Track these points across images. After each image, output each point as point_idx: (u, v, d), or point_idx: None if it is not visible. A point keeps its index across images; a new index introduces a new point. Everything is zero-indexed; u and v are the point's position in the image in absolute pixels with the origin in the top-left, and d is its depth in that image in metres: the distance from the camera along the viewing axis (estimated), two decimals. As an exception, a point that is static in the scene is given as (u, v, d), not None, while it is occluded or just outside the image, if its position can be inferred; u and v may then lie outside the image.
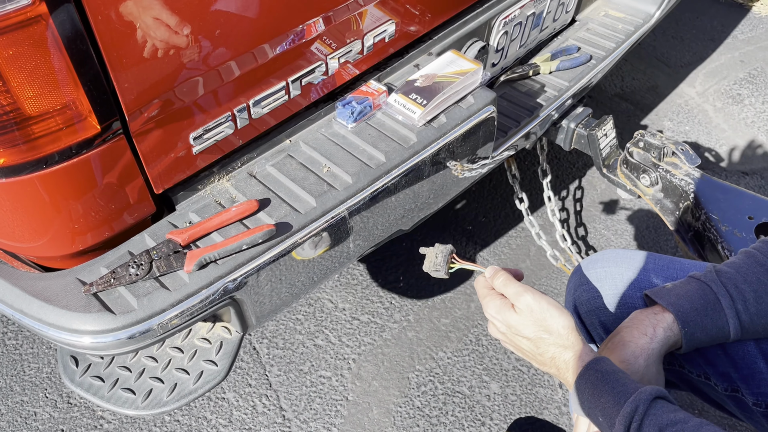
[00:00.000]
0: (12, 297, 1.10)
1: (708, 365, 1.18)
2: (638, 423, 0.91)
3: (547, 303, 1.03)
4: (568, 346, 1.02)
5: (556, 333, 1.02)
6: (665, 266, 1.26)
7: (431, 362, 2.04)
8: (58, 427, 1.88)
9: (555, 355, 1.03)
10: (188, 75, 1.07)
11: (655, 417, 0.91)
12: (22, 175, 1.00)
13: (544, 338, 1.03)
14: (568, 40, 1.93)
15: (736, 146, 2.71)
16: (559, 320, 1.02)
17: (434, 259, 1.18)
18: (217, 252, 1.11)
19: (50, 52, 0.89)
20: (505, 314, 1.05)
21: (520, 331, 1.04)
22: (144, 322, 1.06)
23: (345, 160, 1.28)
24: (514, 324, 1.04)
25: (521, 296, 1.04)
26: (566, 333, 1.02)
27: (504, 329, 1.07)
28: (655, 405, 0.93)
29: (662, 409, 0.92)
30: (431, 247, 1.20)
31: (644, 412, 0.92)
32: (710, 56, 3.16)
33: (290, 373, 2.01)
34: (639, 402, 0.92)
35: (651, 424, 0.91)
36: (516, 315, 1.04)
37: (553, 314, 1.02)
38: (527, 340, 1.05)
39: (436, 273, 1.18)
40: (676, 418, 0.90)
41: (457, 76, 1.37)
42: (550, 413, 1.94)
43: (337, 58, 1.31)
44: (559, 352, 1.03)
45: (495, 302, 1.07)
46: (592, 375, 0.99)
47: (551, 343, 1.03)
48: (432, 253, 1.19)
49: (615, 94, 2.93)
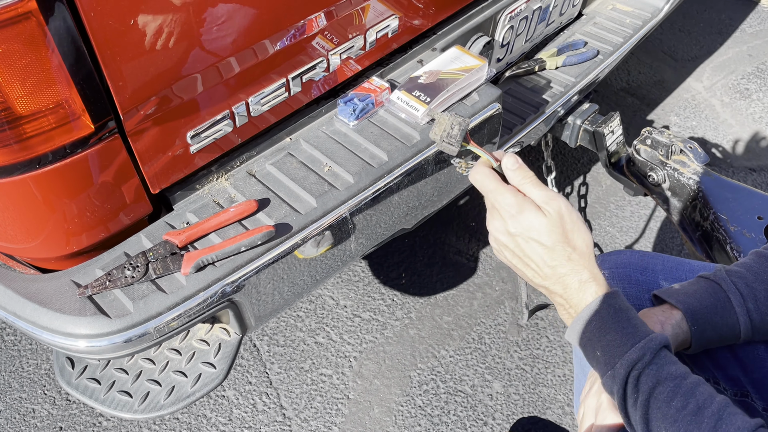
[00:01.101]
0: (5, 299, 1.07)
1: (717, 368, 1.16)
2: (639, 371, 0.88)
3: (578, 216, 0.92)
4: (586, 267, 0.92)
5: (580, 250, 0.92)
6: (673, 268, 1.23)
7: (433, 360, 2.02)
8: (56, 425, 1.87)
9: (569, 271, 0.92)
10: (185, 72, 1.04)
11: (656, 367, 0.88)
12: (15, 175, 0.97)
13: (566, 251, 0.91)
14: (575, 35, 1.90)
15: (744, 142, 2.67)
16: (585, 237, 0.92)
17: (449, 130, 0.99)
18: (215, 254, 1.08)
19: (41, 49, 0.86)
20: (528, 212, 0.91)
21: (540, 235, 0.91)
22: (140, 325, 1.04)
23: (346, 158, 1.25)
24: (537, 226, 0.91)
25: (554, 200, 0.91)
26: (589, 252, 0.92)
27: (517, 229, 0.92)
28: (660, 354, 0.89)
29: (665, 360, 0.89)
30: (444, 114, 1.01)
31: (649, 361, 0.88)
32: (718, 50, 3.11)
33: (291, 370, 1.99)
34: (647, 350, 0.88)
35: (651, 374, 0.88)
36: (541, 217, 0.90)
37: (581, 229, 0.92)
38: (542, 247, 0.92)
39: (446, 146, 1.00)
40: (676, 372, 0.88)
41: (461, 72, 1.34)
42: (554, 413, 1.92)
43: (339, 54, 1.28)
44: (576, 269, 0.92)
45: (513, 196, 0.92)
46: (605, 308, 0.91)
47: (570, 258, 0.91)
48: (446, 121, 0.99)
49: (621, 88, 2.89)
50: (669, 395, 0.86)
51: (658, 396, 0.87)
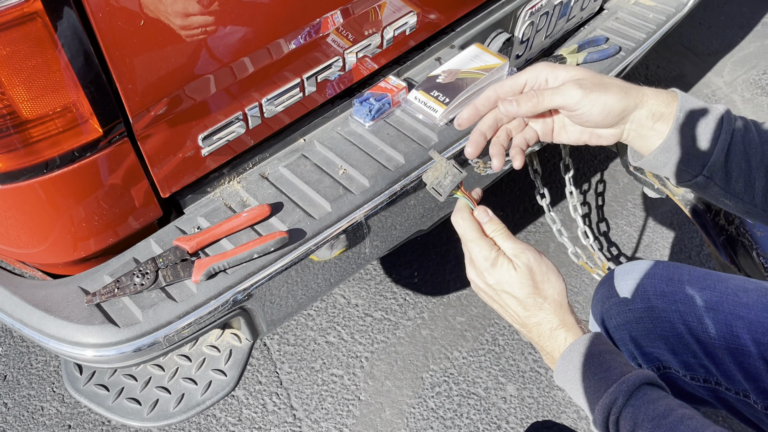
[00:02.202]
0: (11, 306, 1.04)
1: (748, 380, 1.12)
2: (616, 416, 0.87)
3: (547, 267, 0.95)
4: (557, 314, 0.94)
5: (551, 299, 0.94)
6: (701, 278, 1.19)
7: (446, 362, 1.99)
8: (65, 423, 1.85)
9: (541, 320, 0.95)
10: (197, 73, 1.00)
11: (633, 409, 0.86)
12: (22, 180, 0.94)
13: (537, 302, 0.94)
14: (596, 30, 1.84)
15: (765, 139, 2.61)
16: (556, 286, 0.94)
17: (441, 179, 0.98)
18: (226, 261, 1.05)
19: (47, 51, 0.82)
20: (500, 267, 0.94)
21: (512, 289, 0.94)
22: (149, 335, 1.01)
23: (362, 161, 1.21)
24: (508, 279, 0.94)
25: (523, 253, 0.94)
26: (560, 300, 0.94)
27: (491, 282, 0.96)
28: (637, 395, 0.87)
29: (643, 400, 0.87)
30: (443, 159, 0.99)
31: (623, 405, 0.87)
32: (739, 44, 3.04)
33: (301, 370, 1.96)
34: (619, 393, 0.87)
35: (628, 417, 0.86)
36: (513, 272, 0.94)
37: (551, 279, 0.94)
38: (515, 300, 0.95)
39: (434, 192, 1.00)
40: (655, 411, 0.86)
41: (481, 72, 1.29)
42: (568, 417, 1.89)
43: (355, 52, 1.23)
44: (548, 318, 0.94)
45: (488, 251, 0.94)
46: (576, 356, 0.92)
47: (542, 308, 0.94)
48: (442, 169, 0.99)
49: (639, 83, 2.83)
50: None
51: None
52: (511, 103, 0.94)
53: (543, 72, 0.96)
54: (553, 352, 0.95)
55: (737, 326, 1.12)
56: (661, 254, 2.26)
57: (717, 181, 0.96)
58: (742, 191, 0.96)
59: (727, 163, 0.94)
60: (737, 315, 1.13)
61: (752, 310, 1.12)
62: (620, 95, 0.94)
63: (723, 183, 0.96)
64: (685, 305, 1.15)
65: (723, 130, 0.94)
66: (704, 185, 0.97)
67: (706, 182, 0.96)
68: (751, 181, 0.95)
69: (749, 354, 1.11)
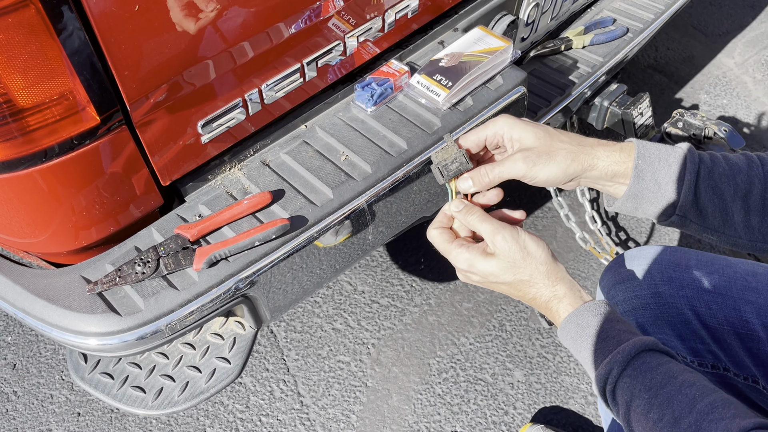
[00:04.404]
0: (14, 295, 1.04)
1: (757, 366, 1.11)
2: (612, 386, 0.88)
3: (524, 242, 0.96)
4: (547, 286, 0.96)
5: (537, 273, 0.96)
6: (709, 262, 1.17)
7: (453, 348, 1.98)
8: (74, 410, 1.86)
9: (536, 295, 0.98)
10: (195, 59, 0.99)
11: (629, 379, 0.87)
12: (21, 169, 0.93)
13: (522, 281, 0.97)
14: (603, 11, 1.81)
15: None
16: (538, 257, 0.96)
17: (448, 163, 1.02)
18: (228, 249, 1.04)
19: (41, 38, 0.81)
20: (478, 263, 0.97)
21: (498, 277, 0.97)
22: (151, 323, 1.00)
23: (364, 147, 1.20)
24: (491, 270, 0.97)
25: (497, 233, 0.96)
26: (546, 269, 0.96)
27: (477, 279, 1.00)
28: (634, 364, 0.88)
29: (641, 369, 0.87)
30: (455, 145, 1.02)
31: (618, 375, 0.87)
32: (750, 24, 2.99)
33: (308, 357, 1.97)
34: (614, 364, 0.88)
35: (624, 388, 0.87)
36: (491, 261, 0.97)
37: (531, 252, 0.96)
38: (506, 285, 0.99)
39: (438, 172, 1.03)
40: (652, 381, 0.86)
41: (485, 55, 1.27)
42: (576, 402, 1.88)
43: (356, 36, 1.22)
44: (540, 293, 0.97)
45: (464, 256, 0.98)
46: (572, 328, 0.94)
47: (532, 284, 0.97)
48: (452, 155, 1.02)
49: (648, 65, 2.79)
50: (645, 408, 0.84)
51: (636, 409, 0.85)
52: (467, 181, 1.02)
53: (501, 129, 1.00)
54: (556, 323, 0.98)
55: (746, 311, 1.11)
56: (669, 239, 2.23)
57: (693, 219, 0.97)
58: (721, 225, 0.97)
59: (698, 201, 0.96)
60: (746, 299, 1.11)
61: (761, 294, 1.11)
62: (566, 162, 0.97)
63: (699, 220, 0.97)
64: (693, 290, 1.14)
65: (687, 171, 0.95)
66: (681, 224, 0.99)
67: (682, 221, 0.98)
68: (729, 214, 0.96)
69: (758, 339, 1.09)
